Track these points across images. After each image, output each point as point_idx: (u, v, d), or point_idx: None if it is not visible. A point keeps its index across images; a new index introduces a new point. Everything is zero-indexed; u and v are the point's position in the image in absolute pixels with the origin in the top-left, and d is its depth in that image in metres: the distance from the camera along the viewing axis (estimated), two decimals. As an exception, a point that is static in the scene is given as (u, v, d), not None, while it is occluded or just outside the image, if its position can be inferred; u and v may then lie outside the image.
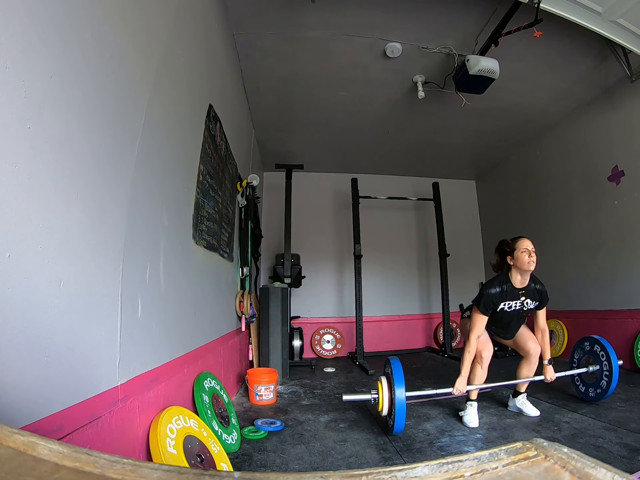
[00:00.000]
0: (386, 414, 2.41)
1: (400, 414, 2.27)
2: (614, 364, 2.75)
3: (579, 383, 3.03)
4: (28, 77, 1.01)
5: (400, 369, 2.39)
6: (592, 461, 0.38)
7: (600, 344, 2.88)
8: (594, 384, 2.88)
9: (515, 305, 2.63)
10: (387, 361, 2.51)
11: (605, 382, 2.79)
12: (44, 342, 1.07)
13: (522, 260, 2.52)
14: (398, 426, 2.29)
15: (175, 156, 2.15)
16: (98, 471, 0.40)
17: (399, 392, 2.30)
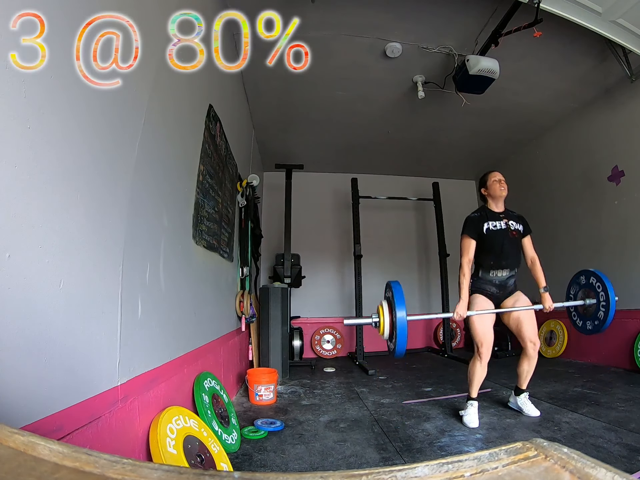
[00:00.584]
0: (387, 337, 2.42)
1: (401, 335, 2.26)
2: (611, 293, 2.67)
3: (576, 318, 2.97)
4: (28, 76, 1.01)
5: (401, 292, 2.37)
6: (592, 461, 0.38)
7: (596, 275, 2.79)
8: (592, 317, 2.80)
9: (500, 224, 2.77)
10: (388, 285, 2.50)
11: (602, 313, 2.70)
12: (44, 342, 1.07)
13: (494, 187, 2.83)
14: (399, 348, 2.29)
15: (175, 156, 2.15)
16: (98, 471, 0.40)
17: (400, 314, 2.28)
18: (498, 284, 2.77)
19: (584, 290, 2.90)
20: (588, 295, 2.84)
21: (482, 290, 2.76)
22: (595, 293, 2.78)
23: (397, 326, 2.28)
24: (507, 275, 2.76)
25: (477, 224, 2.77)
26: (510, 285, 2.80)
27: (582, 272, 2.96)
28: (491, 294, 2.76)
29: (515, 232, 2.79)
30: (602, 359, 4.36)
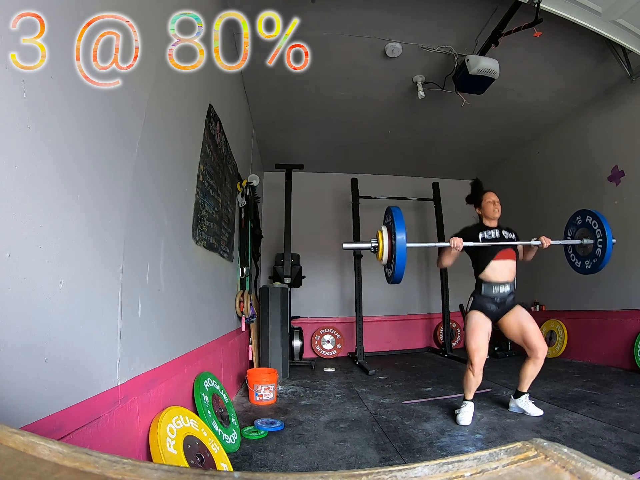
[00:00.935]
0: (385, 262, 2.43)
1: (400, 259, 2.26)
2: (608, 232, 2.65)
3: (574, 259, 2.95)
4: (28, 76, 1.01)
5: (401, 216, 2.38)
6: (592, 461, 0.38)
7: (593, 214, 2.78)
8: (589, 256, 2.79)
9: (495, 233, 2.83)
10: (388, 210, 2.50)
11: (600, 250, 2.68)
12: (44, 342, 1.07)
13: (489, 209, 2.88)
14: (398, 273, 2.30)
15: (175, 156, 2.15)
16: (98, 471, 0.40)
17: (400, 237, 2.29)
18: (499, 302, 2.76)
19: (581, 230, 2.88)
20: (585, 235, 2.83)
21: (482, 308, 2.75)
22: (592, 232, 2.76)
23: (397, 250, 2.27)
24: (508, 291, 2.76)
25: (472, 234, 2.83)
26: (509, 301, 2.79)
27: (579, 212, 2.94)
28: (491, 312, 2.76)
29: (510, 241, 2.84)
30: (602, 359, 4.36)
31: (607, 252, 2.64)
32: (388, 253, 2.34)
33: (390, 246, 2.34)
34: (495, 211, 2.86)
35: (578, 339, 4.74)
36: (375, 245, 2.43)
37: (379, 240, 2.40)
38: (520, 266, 2.88)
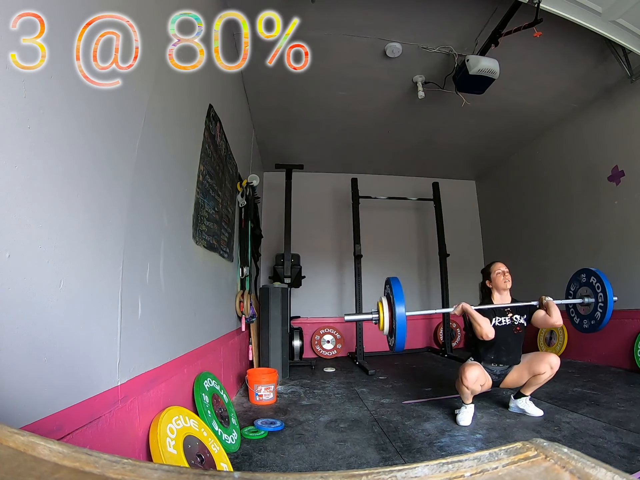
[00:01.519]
0: (387, 333, 2.49)
1: (401, 331, 2.32)
2: (609, 294, 2.68)
3: (573, 315, 2.99)
4: (28, 76, 1.01)
5: (400, 288, 2.42)
6: (592, 461, 0.38)
7: (596, 275, 2.80)
8: (589, 316, 2.83)
9: (505, 320, 2.76)
10: (387, 281, 2.55)
11: (599, 314, 2.72)
12: (44, 342, 1.07)
13: (499, 280, 2.82)
14: (399, 344, 2.35)
15: (175, 156, 2.15)
16: (98, 471, 0.40)
17: (400, 310, 2.35)
18: (498, 374, 2.78)
19: (583, 288, 2.91)
20: (587, 294, 2.85)
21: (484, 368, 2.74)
22: (594, 293, 2.78)
23: (397, 322, 2.31)
24: (508, 366, 2.76)
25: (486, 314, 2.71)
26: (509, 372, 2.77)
27: (582, 270, 2.96)
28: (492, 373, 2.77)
29: (520, 328, 2.77)
30: (602, 359, 4.36)
31: (606, 316, 2.67)
32: (389, 324, 2.40)
33: (390, 318, 2.39)
34: (505, 282, 2.80)
35: (578, 339, 4.73)
36: (376, 317, 2.48)
37: (380, 311, 2.45)
38: (520, 265, 2.89)
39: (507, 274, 2.84)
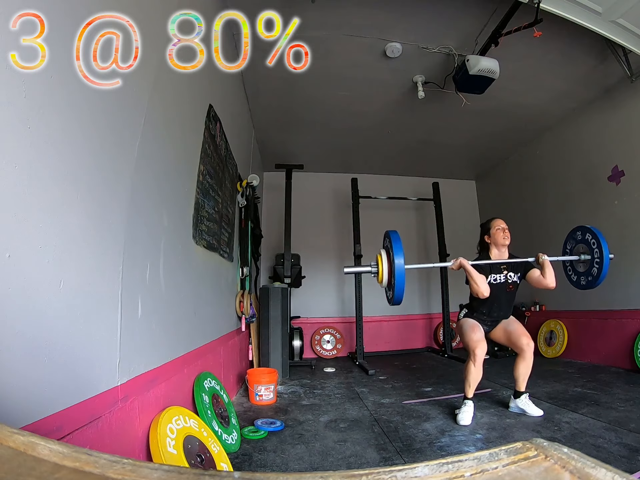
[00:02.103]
0: (386, 285, 2.47)
1: (399, 283, 2.31)
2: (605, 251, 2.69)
3: (571, 272, 3.01)
4: (28, 76, 1.01)
5: (399, 240, 2.43)
6: (592, 461, 0.38)
7: (592, 232, 2.82)
8: (585, 273, 2.85)
9: (500, 278, 2.84)
10: (386, 234, 2.56)
11: (595, 270, 2.74)
12: (44, 342, 1.07)
13: (498, 236, 2.89)
14: (397, 296, 2.34)
15: (175, 156, 2.15)
16: (98, 471, 0.40)
17: (398, 262, 2.34)
18: (490, 324, 2.91)
19: (579, 245, 2.92)
20: (583, 251, 2.87)
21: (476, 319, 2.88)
22: (590, 249, 2.80)
23: (396, 274, 2.30)
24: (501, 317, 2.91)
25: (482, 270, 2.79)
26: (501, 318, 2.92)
27: (578, 228, 2.98)
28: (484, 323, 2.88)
29: (512, 286, 2.86)
30: (602, 359, 4.36)
31: (603, 271, 2.69)
32: (388, 276, 2.38)
33: (389, 269, 2.37)
34: (504, 238, 2.88)
35: (578, 339, 4.74)
36: (375, 269, 2.46)
37: (379, 264, 2.45)
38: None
39: (506, 231, 2.90)
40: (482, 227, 3.06)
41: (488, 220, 3.05)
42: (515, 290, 2.89)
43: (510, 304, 2.92)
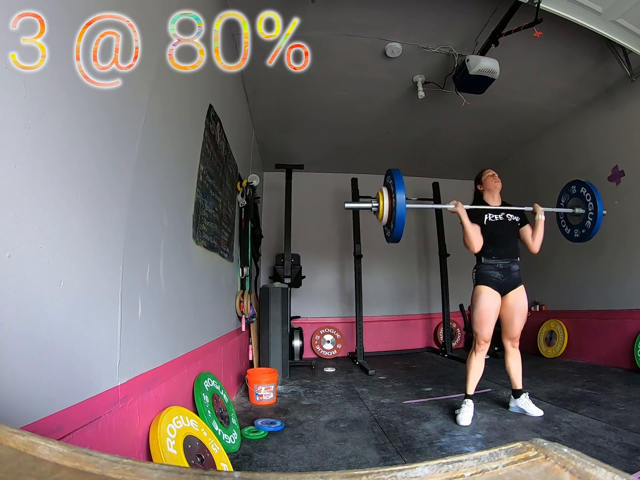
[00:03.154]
0: (385, 222, 2.46)
1: (400, 219, 2.30)
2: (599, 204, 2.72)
3: (564, 226, 3.02)
4: (28, 77, 1.01)
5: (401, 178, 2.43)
6: (592, 461, 0.38)
7: (587, 186, 2.84)
8: (579, 225, 2.87)
9: (499, 216, 2.85)
10: (388, 172, 2.55)
11: (590, 222, 2.76)
12: (44, 342, 1.07)
13: (489, 181, 2.93)
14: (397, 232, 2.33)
15: (175, 156, 2.15)
16: (98, 471, 0.40)
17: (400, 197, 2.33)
18: (502, 268, 2.78)
19: (574, 199, 2.95)
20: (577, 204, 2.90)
21: (488, 278, 2.77)
22: (585, 203, 2.83)
23: (397, 210, 2.29)
24: (509, 261, 2.79)
25: (478, 212, 2.84)
26: (514, 271, 2.80)
27: (574, 182, 2.99)
28: (496, 279, 2.76)
29: (513, 223, 2.86)
30: (602, 359, 4.36)
31: (596, 224, 2.72)
32: (388, 213, 2.37)
33: (390, 207, 2.36)
34: (495, 182, 2.91)
35: (578, 339, 4.74)
36: (376, 205, 2.46)
37: (380, 200, 2.43)
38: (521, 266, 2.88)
39: (496, 176, 2.94)
40: (475, 180, 3.09)
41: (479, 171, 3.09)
42: (516, 229, 2.87)
43: (515, 240, 2.87)
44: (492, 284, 2.75)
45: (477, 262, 2.87)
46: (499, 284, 2.76)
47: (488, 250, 2.80)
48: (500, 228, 2.81)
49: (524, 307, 2.80)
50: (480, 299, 2.75)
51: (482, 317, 2.72)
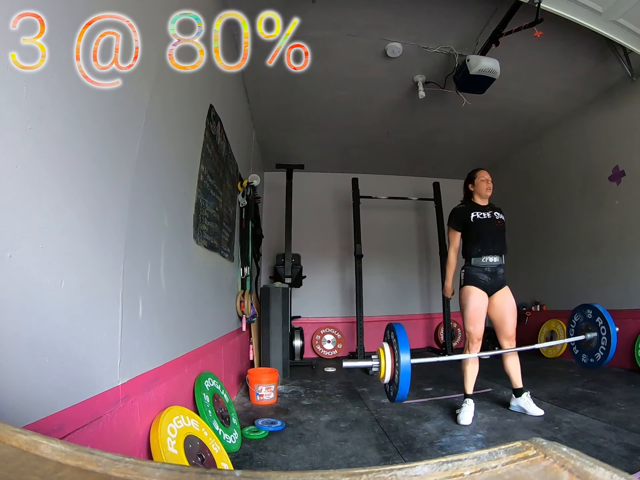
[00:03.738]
0: (388, 381, 2.32)
1: (404, 380, 2.16)
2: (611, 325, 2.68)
3: (573, 344, 2.94)
4: (29, 77, 1.01)
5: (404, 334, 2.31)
6: (590, 460, 0.39)
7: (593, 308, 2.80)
8: (589, 352, 2.79)
9: (486, 214, 2.93)
10: (389, 326, 2.46)
11: (600, 355, 2.69)
12: (45, 342, 1.07)
13: (482, 186, 2.96)
14: (402, 394, 2.21)
15: (176, 156, 2.16)
16: (101, 470, 0.40)
17: (404, 358, 2.16)
18: (489, 272, 2.85)
19: (583, 324, 2.88)
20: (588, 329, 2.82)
21: (475, 279, 2.85)
22: (595, 325, 2.77)
23: (401, 371, 2.18)
24: (497, 262, 2.86)
25: (463, 214, 2.96)
26: (500, 274, 2.88)
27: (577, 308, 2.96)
28: (484, 282, 2.85)
29: (500, 222, 2.95)
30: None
31: (612, 345, 2.64)
32: (391, 372, 2.28)
33: (393, 366, 2.27)
34: (487, 190, 2.95)
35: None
36: (377, 364, 2.35)
37: (381, 358, 2.32)
38: (521, 265, 2.89)
39: (490, 182, 2.97)
40: (468, 176, 3.10)
41: (474, 170, 3.09)
42: (503, 226, 2.95)
43: (502, 238, 2.93)
44: (479, 285, 2.84)
45: (466, 263, 2.95)
46: (485, 286, 2.85)
47: (477, 250, 2.87)
48: (488, 225, 2.89)
49: (513, 305, 2.88)
50: (470, 298, 2.83)
51: (475, 315, 2.80)
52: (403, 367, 2.16)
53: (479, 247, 2.86)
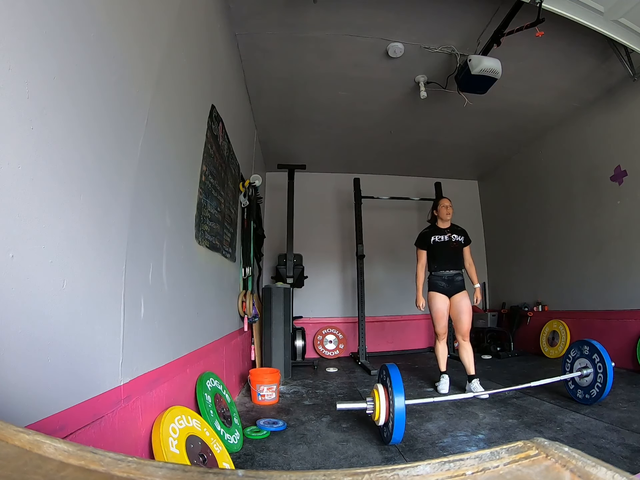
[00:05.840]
0: (382, 423, 2.31)
1: (399, 422, 2.15)
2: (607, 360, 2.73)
3: (573, 388, 3.00)
4: (31, 78, 1.01)
5: (398, 376, 2.28)
6: (592, 460, 0.39)
7: (589, 344, 2.89)
8: (585, 389, 2.87)
9: (444, 237, 3.67)
10: (383, 367, 2.46)
11: (595, 392, 2.77)
12: (47, 342, 1.08)
13: (442, 212, 3.71)
14: (397, 436, 2.18)
15: (177, 156, 2.16)
16: (103, 469, 0.40)
17: (399, 400, 2.18)
18: (447, 279, 3.59)
19: (578, 360, 2.97)
20: (584, 365, 2.91)
21: (436, 286, 3.60)
22: (591, 361, 2.86)
23: (395, 413, 2.16)
24: (453, 272, 3.59)
25: (426, 237, 3.76)
26: (457, 281, 3.59)
27: (572, 345, 3.09)
28: (442, 287, 3.58)
29: (456, 243, 3.63)
30: (605, 359, 4.34)
31: (608, 382, 2.70)
32: (386, 414, 2.27)
33: (387, 408, 2.26)
34: (447, 215, 3.69)
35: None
36: (371, 406, 2.33)
37: (375, 399, 2.31)
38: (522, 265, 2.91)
39: (449, 208, 3.70)
40: (433, 203, 3.91)
41: (437, 198, 4.09)
42: (459, 247, 3.64)
43: (457, 257, 3.63)
44: (439, 290, 3.58)
45: (430, 274, 3.69)
46: (445, 290, 3.57)
47: (434, 266, 3.67)
48: (444, 247, 3.63)
49: (467, 306, 3.51)
50: (433, 302, 3.60)
51: (437, 315, 3.57)
52: (397, 411, 2.17)
53: (436, 264, 3.65)
